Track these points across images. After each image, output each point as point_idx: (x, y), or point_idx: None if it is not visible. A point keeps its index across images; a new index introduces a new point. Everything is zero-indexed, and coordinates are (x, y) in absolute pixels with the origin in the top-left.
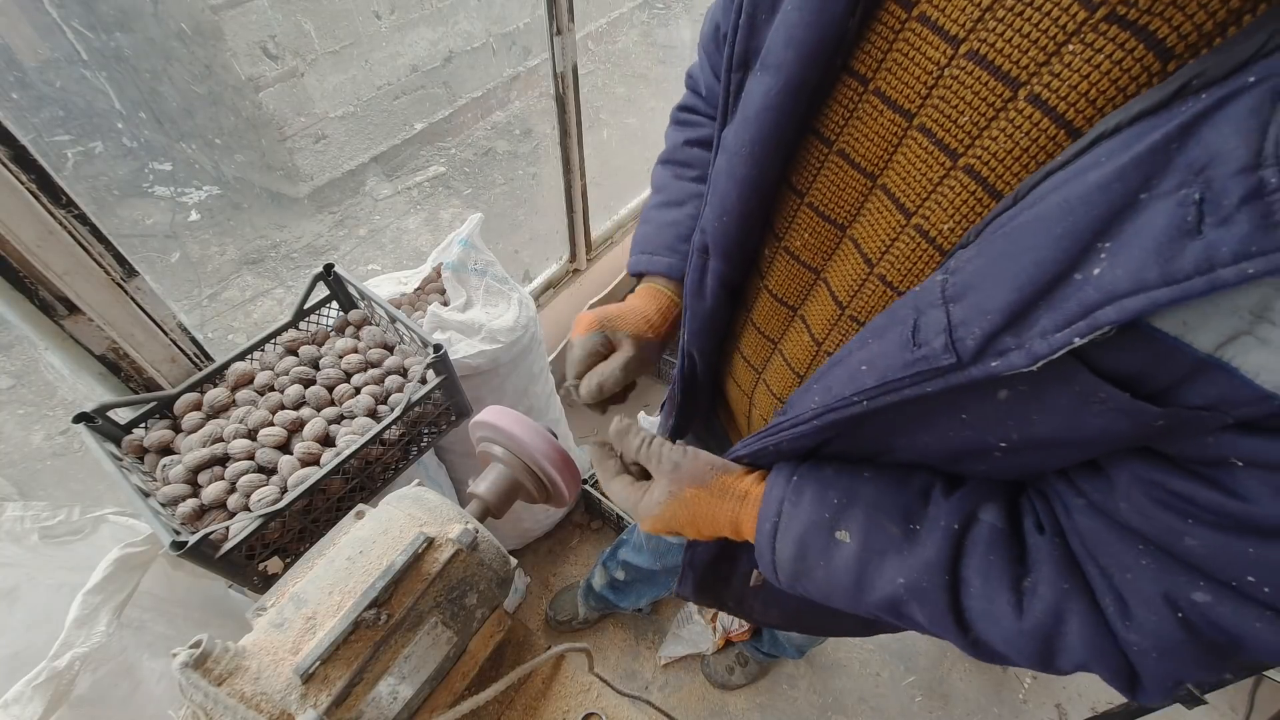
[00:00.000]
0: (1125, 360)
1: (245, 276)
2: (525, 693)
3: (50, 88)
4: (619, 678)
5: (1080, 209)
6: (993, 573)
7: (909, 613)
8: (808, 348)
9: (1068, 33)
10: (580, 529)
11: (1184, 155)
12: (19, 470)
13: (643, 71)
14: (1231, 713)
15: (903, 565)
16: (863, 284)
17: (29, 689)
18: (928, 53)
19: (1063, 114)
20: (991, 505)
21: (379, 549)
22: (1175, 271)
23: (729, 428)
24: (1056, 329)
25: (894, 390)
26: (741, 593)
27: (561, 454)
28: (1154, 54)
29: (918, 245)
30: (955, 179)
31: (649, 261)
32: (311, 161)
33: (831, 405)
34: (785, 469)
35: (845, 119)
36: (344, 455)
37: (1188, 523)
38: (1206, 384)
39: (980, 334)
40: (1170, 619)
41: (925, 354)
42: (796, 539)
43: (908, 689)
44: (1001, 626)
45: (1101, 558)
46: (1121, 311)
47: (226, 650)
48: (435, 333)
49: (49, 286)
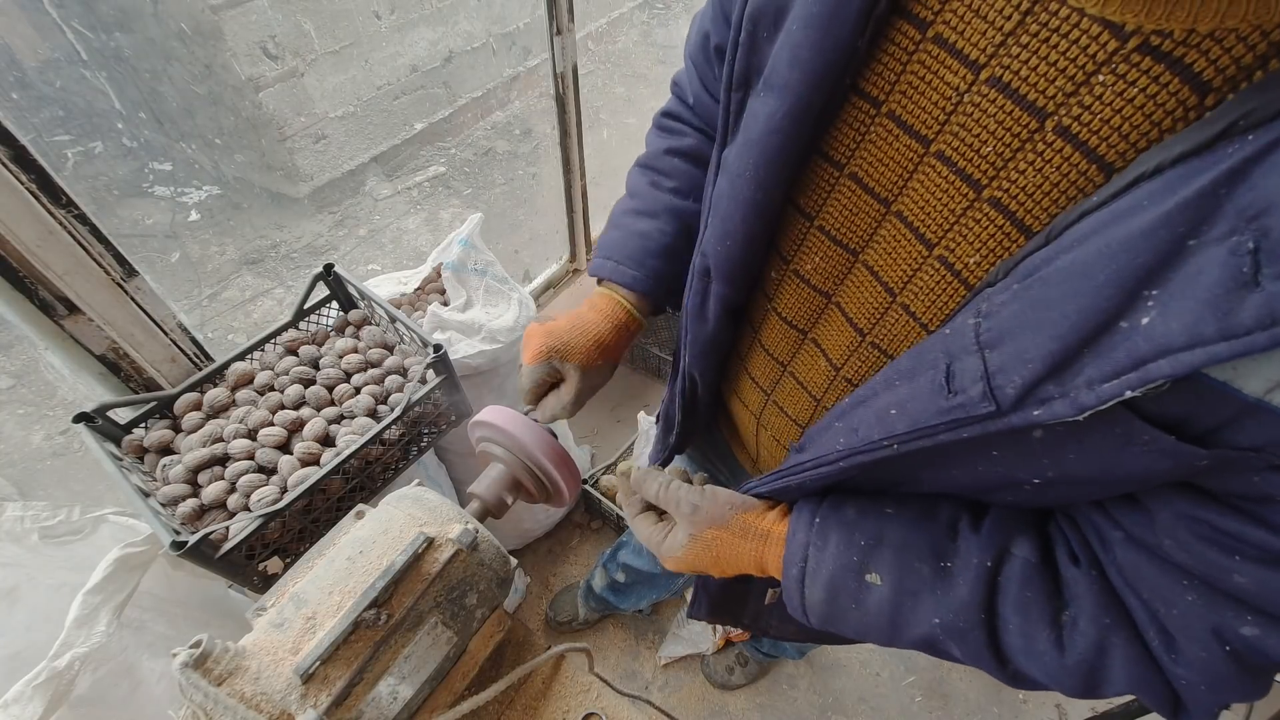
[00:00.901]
0: (1170, 405)
1: (245, 276)
2: (525, 693)
3: (50, 88)
4: (619, 678)
5: (1123, 255)
6: (1031, 610)
7: (946, 649)
8: (824, 372)
9: (1097, 62)
10: (580, 529)
11: (1233, 202)
12: (19, 470)
13: (643, 71)
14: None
15: (937, 606)
16: (885, 313)
17: (29, 689)
18: (945, 77)
19: (1094, 148)
20: (1023, 539)
21: (379, 549)
22: (1234, 326)
23: (731, 441)
24: (1104, 379)
25: (927, 436)
26: (758, 609)
27: (561, 454)
28: (1190, 88)
29: (943, 278)
30: (980, 211)
31: (614, 270)
32: (311, 161)
33: (859, 448)
34: (806, 510)
35: (857, 142)
36: (344, 455)
37: (1235, 559)
38: (1254, 426)
39: (1021, 383)
40: (1220, 654)
41: (961, 401)
42: (826, 584)
43: (908, 689)
44: (1044, 663)
45: (1144, 592)
46: (1176, 366)
47: (226, 650)
48: (435, 333)
49: (49, 286)
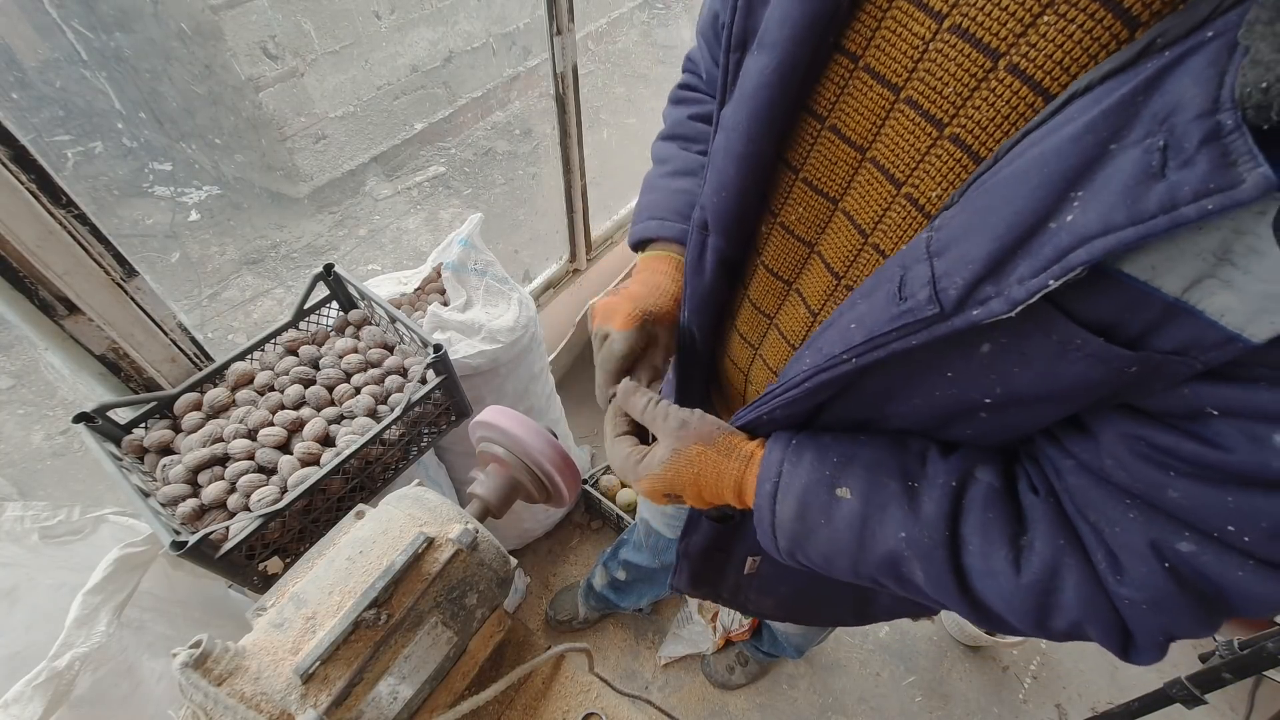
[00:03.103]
0: (1099, 306)
1: (245, 276)
2: (525, 693)
3: (50, 88)
4: (619, 678)
5: (1054, 161)
6: (991, 530)
7: (909, 572)
8: (804, 320)
9: (1042, 4)
10: (580, 529)
11: (1149, 106)
12: (19, 470)
13: (643, 71)
14: (1231, 713)
15: (904, 520)
16: (858, 254)
17: (29, 689)
18: (913, 28)
19: (1039, 81)
20: (987, 466)
21: (379, 549)
22: (1141, 212)
23: (722, 410)
24: (1033, 274)
25: (880, 345)
26: (736, 582)
27: (561, 454)
28: (1121, 22)
29: (908, 213)
30: (942, 148)
31: (660, 226)
32: (311, 161)
33: (821, 365)
34: (784, 434)
35: (837, 95)
36: (344, 455)
37: (1169, 475)
38: (1175, 328)
39: (962, 283)
40: (1158, 569)
41: (911, 306)
42: (797, 497)
43: (908, 689)
44: (999, 584)
45: (1091, 514)
46: (1091, 252)
47: (226, 650)
48: (435, 333)
49: (49, 286)
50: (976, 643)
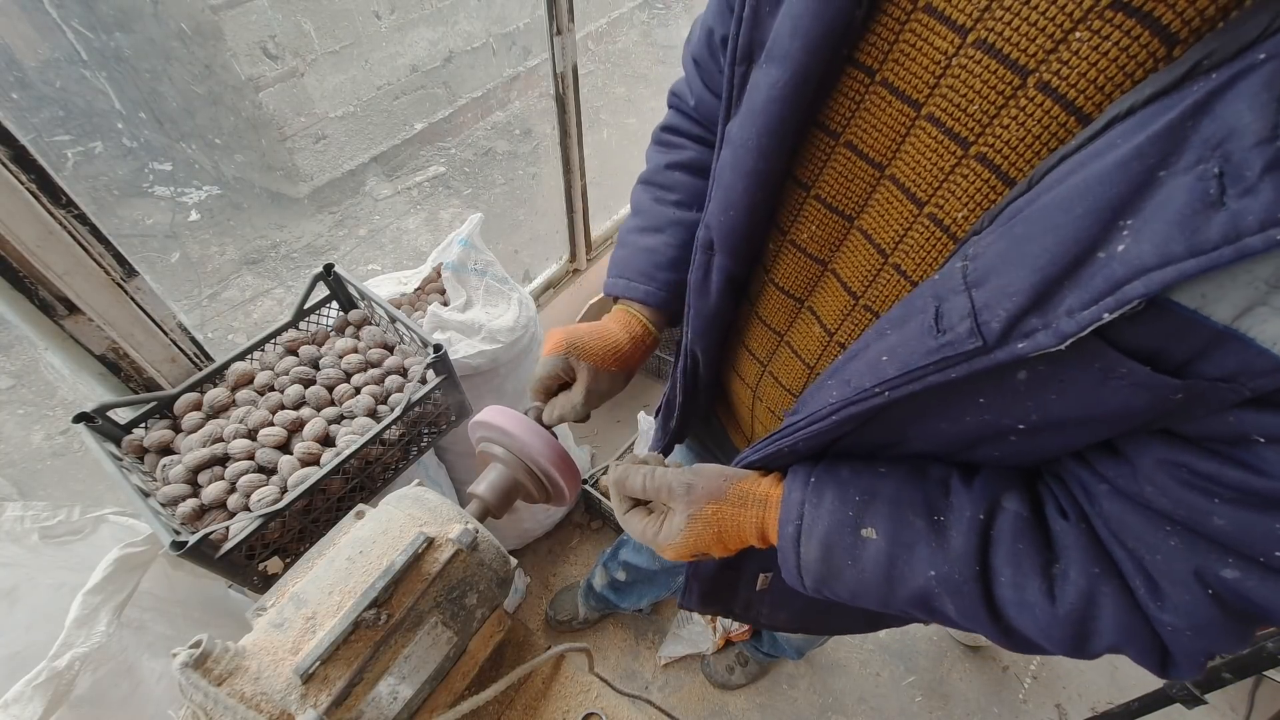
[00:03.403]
0: (1145, 335)
1: (245, 276)
2: (525, 693)
3: (50, 88)
4: (619, 678)
5: (1099, 188)
6: (1023, 561)
7: (940, 606)
8: (819, 339)
9: (1074, 20)
10: (580, 529)
11: (1199, 132)
12: (19, 470)
13: (643, 71)
14: (1231, 713)
15: (932, 558)
16: (877, 274)
17: (29, 689)
18: (935, 43)
19: (1072, 100)
20: (1013, 494)
21: (379, 549)
22: (1202, 243)
23: (728, 425)
24: (1083, 306)
25: (917, 378)
26: (748, 599)
27: (561, 454)
28: (1159, 39)
29: (932, 234)
30: (968, 167)
31: (625, 286)
32: (311, 161)
33: (851, 399)
34: (801, 471)
35: (852, 111)
36: (344, 455)
37: (1214, 502)
38: (1224, 355)
39: (1005, 316)
40: (1202, 597)
41: (950, 339)
42: (822, 540)
43: (908, 689)
44: (1035, 614)
45: (1129, 541)
46: (1149, 284)
47: (226, 650)
48: (435, 333)
49: (49, 286)
50: (976, 643)
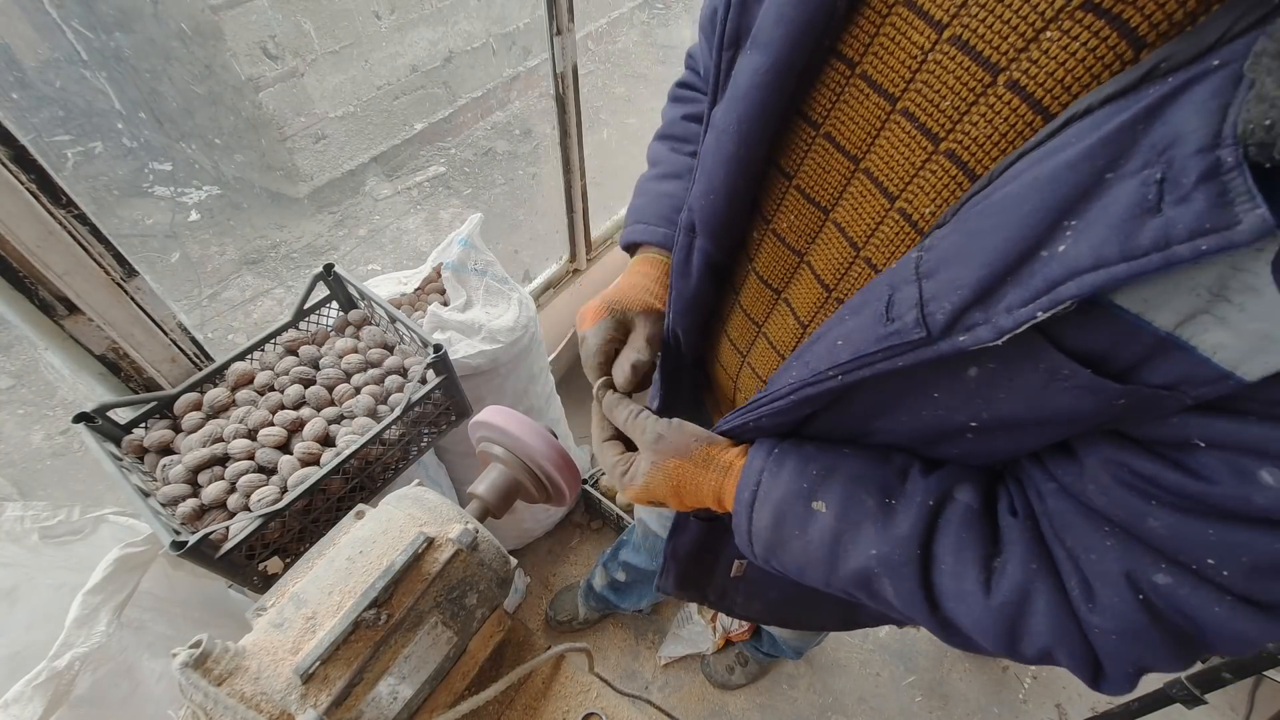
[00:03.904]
0: (1089, 338)
1: (245, 276)
2: (525, 693)
3: (50, 88)
4: (619, 678)
5: (1049, 188)
6: (964, 551)
7: (879, 588)
8: (793, 330)
9: (1046, 19)
10: (580, 529)
11: (1149, 136)
12: (19, 470)
13: (643, 71)
14: (1231, 712)
15: (876, 537)
16: (849, 267)
17: (29, 689)
18: (912, 37)
19: (1039, 100)
20: (968, 486)
21: (379, 549)
22: (1134, 248)
23: (714, 412)
24: (1021, 304)
25: (866, 364)
26: (723, 585)
27: (561, 454)
28: (1126, 41)
29: (901, 228)
30: (937, 163)
31: (645, 231)
32: (311, 161)
33: (807, 380)
34: (767, 442)
35: (832, 102)
36: (344, 455)
37: (1150, 504)
38: (1167, 363)
39: (950, 308)
40: (1132, 600)
41: (897, 328)
42: (774, 508)
43: (908, 689)
44: (969, 605)
45: (1068, 539)
46: (1081, 286)
47: (226, 650)
48: (435, 333)
49: (49, 286)
50: None
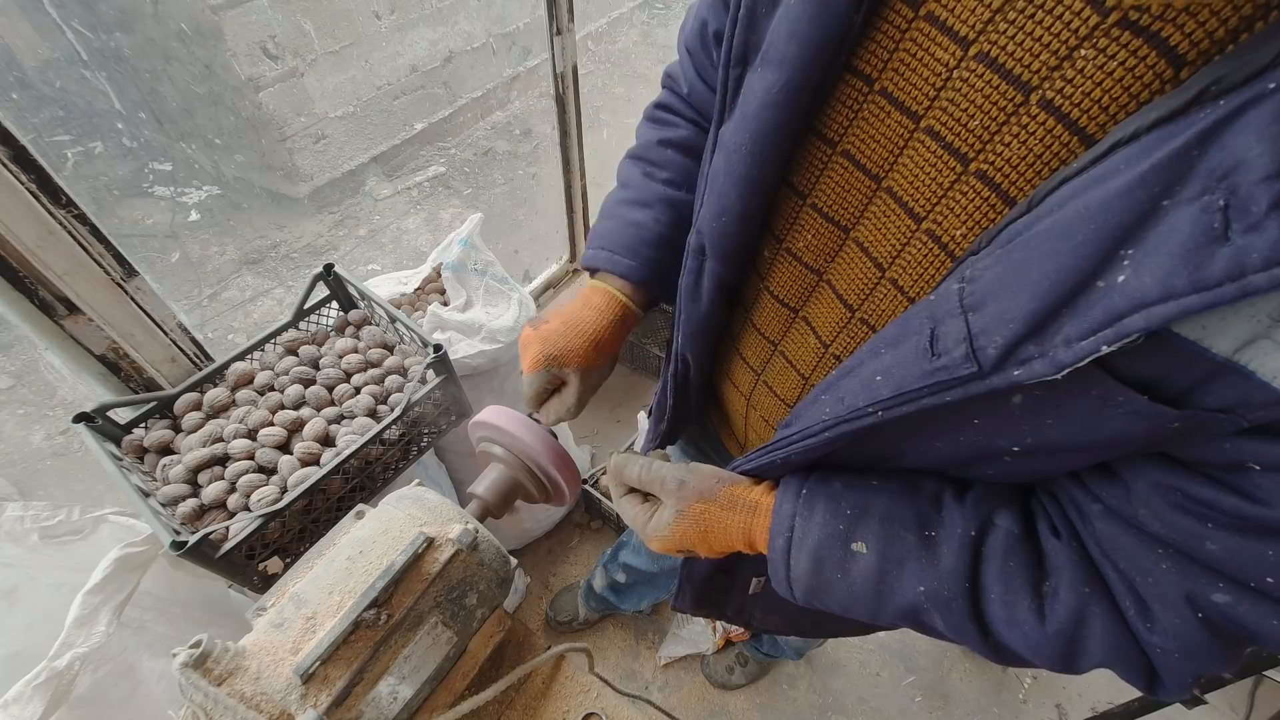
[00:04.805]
0: (1143, 365)
1: (245, 276)
2: (525, 693)
3: (50, 88)
4: (619, 678)
5: (1101, 216)
6: (1014, 579)
7: (929, 621)
8: (814, 350)
9: (1079, 37)
10: (580, 529)
11: (1206, 162)
12: (19, 470)
13: (643, 71)
14: (1231, 712)
15: (922, 574)
16: (873, 288)
17: (29, 689)
18: (936, 54)
19: (1075, 120)
20: (1005, 511)
21: (379, 549)
22: (1205, 279)
23: (721, 429)
24: (1081, 337)
25: (911, 400)
26: (741, 602)
27: (561, 453)
28: (1166, 61)
29: (930, 251)
30: (967, 184)
31: (608, 259)
32: (311, 161)
33: (844, 417)
34: (793, 482)
35: (850, 119)
36: (344, 455)
37: (1208, 527)
38: (1223, 387)
39: (1002, 343)
40: (1192, 620)
41: (945, 364)
42: (812, 553)
43: (908, 689)
44: (1024, 632)
45: (1120, 562)
46: (1150, 319)
47: (226, 650)
48: (435, 333)
49: (49, 286)
50: None
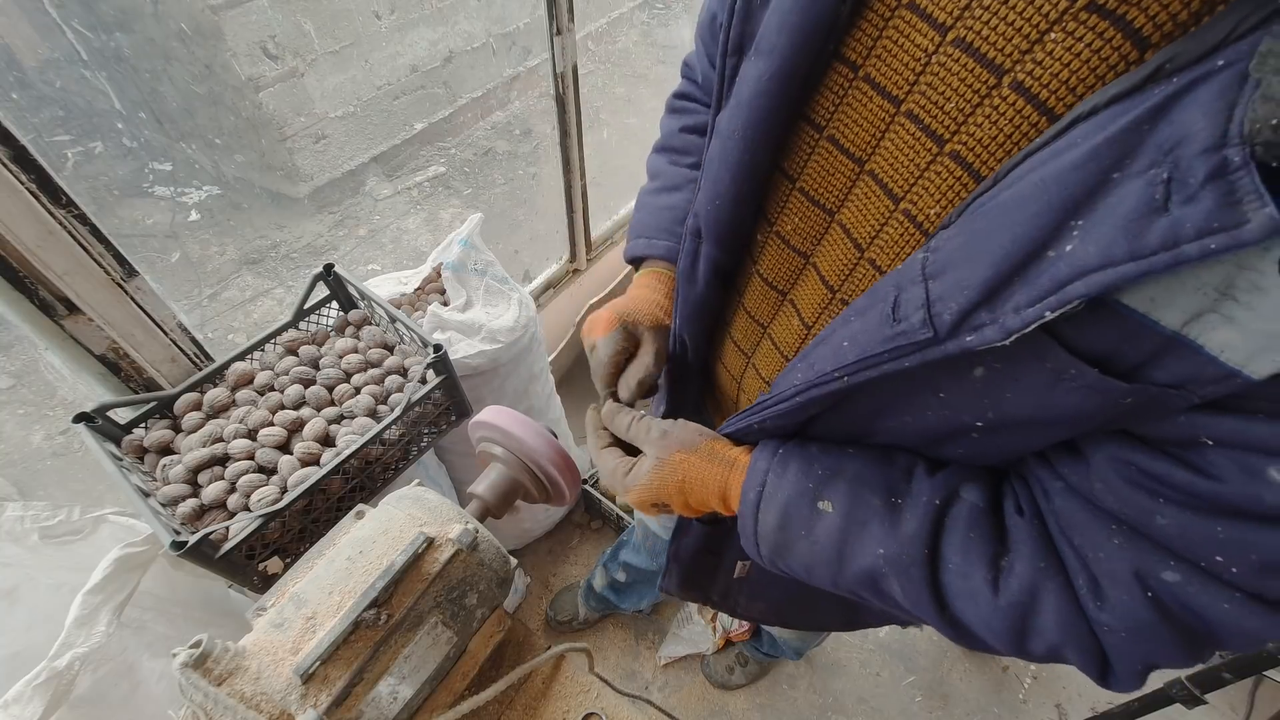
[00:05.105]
0: (1096, 337)
1: (245, 276)
2: (525, 693)
3: (50, 88)
4: (619, 678)
5: (1055, 188)
6: (972, 550)
7: (887, 588)
8: (797, 331)
9: (1050, 21)
10: (580, 529)
11: (1155, 136)
12: (19, 470)
13: (643, 71)
14: (1231, 712)
15: (884, 537)
16: (853, 268)
17: (29, 689)
18: (916, 40)
19: (1044, 100)
20: (974, 485)
21: (379, 549)
22: (1142, 247)
23: (715, 414)
24: (1029, 304)
25: (873, 365)
26: (726, 586)
27: (561, 454)
28: (1131, 42)
29: (906, 229)
30: (942, 164)
31: (648, 245)
32: (311, 161)
33: (813, 381)
34: (771, 443)
35: (835, 105)
36: (344, 455)
37: (1159, 502)
38: (1173, 361)
39: (957, 309)
40: (1140, 598)
41: (904, 329)
42: (780, 508)
43: (908, 689)
44: (977, 603)
45: (1076, 538)
46: (1089, 286)
47: (226, 650)
48: (435, 333)
49: (49, 286)
50: None
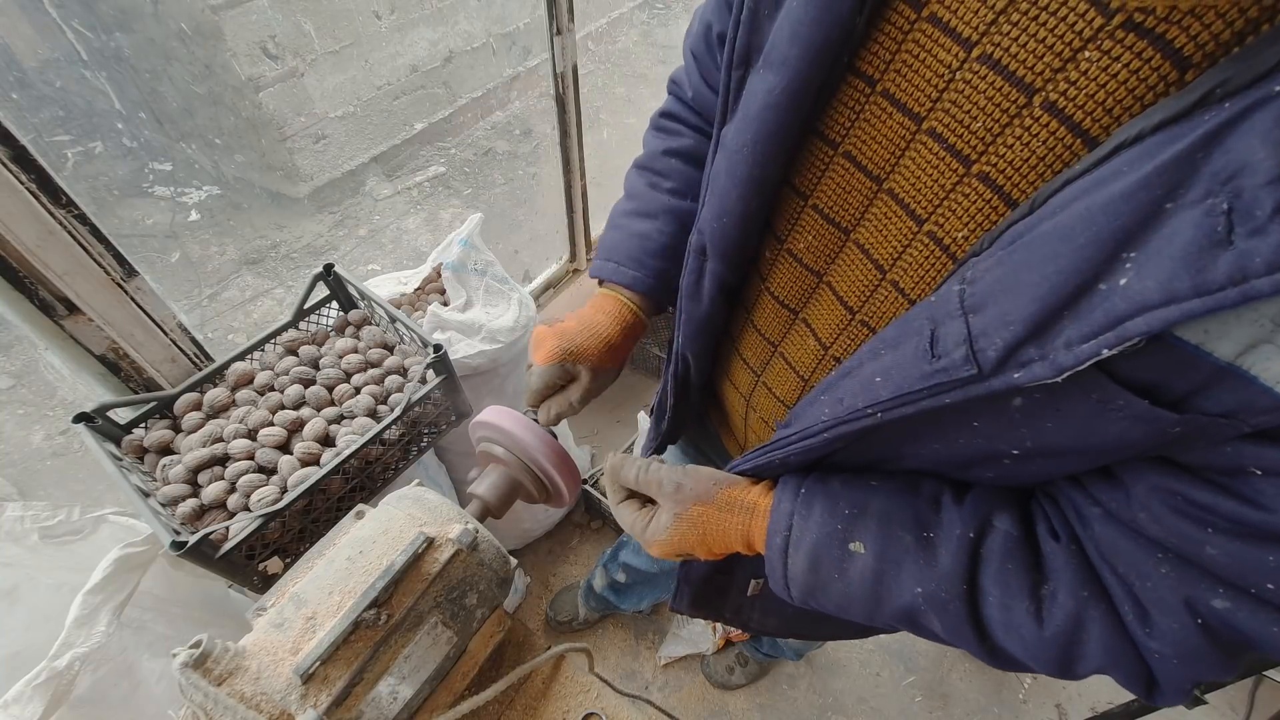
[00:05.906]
0: (1144, 369)
1: (245, 276)
2: (525, 693)
3: (50, 88)
4: (619, 678)
5: (1103, 218)
6: (1011, 582)
7: (926, 623)
8: (813, 351)
9: (1083, 39)
10: (580, 529)
11: (1210, 165)
12: (19, 470)
13: (643, 71)
14: (1231, 712)
15: (920, 575)
16: (874, 290)
17: (29, 689)
18: (939, 55)
19: (1079, 122)
20: (1004, 513)
21: (379, 549)
22: (1208, 282)
23: (721, 430)
24: (1082, 340)
25: (911, 402)
26: (739, 603)
27: (561, 454)
28: (1171, 63)
29: (931, 253)
30: (969, 186)
31: (614, 271)
32: (311, 161)
33: (843, 418)
34: (792, 481)
35: (852, 120)
36: (344, 455)
37: (1207, 532)
38: (1225, 392)
39: (1002, 345)
40: (1191, 626)
41: (945, 365)
42: (809, 552)
43: (908, 689)
44: (1021, 635)
45: (1120, 566)
46: (1151, 323)
47: (226, 650)
48: (435, 333)
49: (49, 286)
50: None
